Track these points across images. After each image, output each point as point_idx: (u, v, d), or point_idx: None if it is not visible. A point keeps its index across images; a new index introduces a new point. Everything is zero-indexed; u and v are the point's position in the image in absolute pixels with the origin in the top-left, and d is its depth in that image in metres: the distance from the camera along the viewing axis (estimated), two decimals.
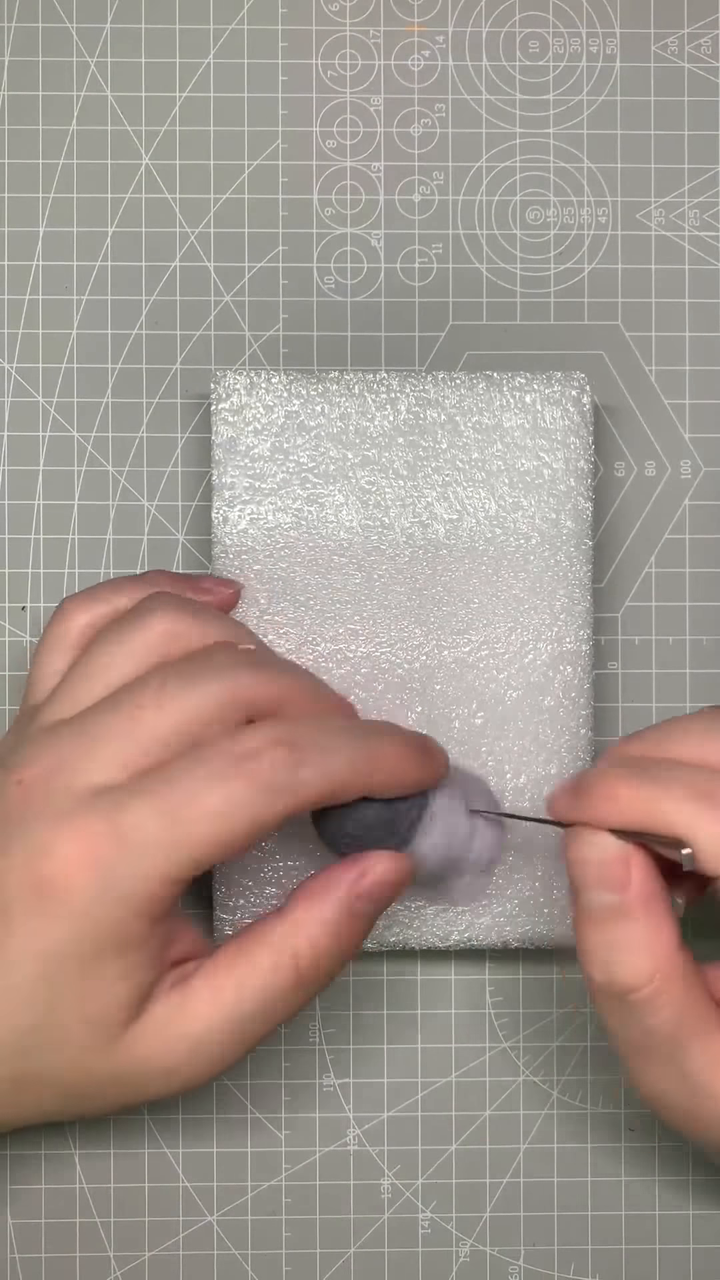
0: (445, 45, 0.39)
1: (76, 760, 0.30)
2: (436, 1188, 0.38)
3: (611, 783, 0.29)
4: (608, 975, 0.29)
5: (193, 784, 0.29)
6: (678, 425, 0.39)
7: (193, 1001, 0.30)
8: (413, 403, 0.36)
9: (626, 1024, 0.29)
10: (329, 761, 0.30)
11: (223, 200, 0.39)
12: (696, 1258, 0.38)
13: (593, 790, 0.29)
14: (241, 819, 0.29)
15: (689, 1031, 0.29)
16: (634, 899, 0.28)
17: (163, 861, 0.29)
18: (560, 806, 0.30)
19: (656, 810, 0.28)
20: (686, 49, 0.39)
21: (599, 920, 0.29)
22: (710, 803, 0.28)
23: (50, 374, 0.38)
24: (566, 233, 0.39)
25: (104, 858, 0.29)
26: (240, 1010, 0.30)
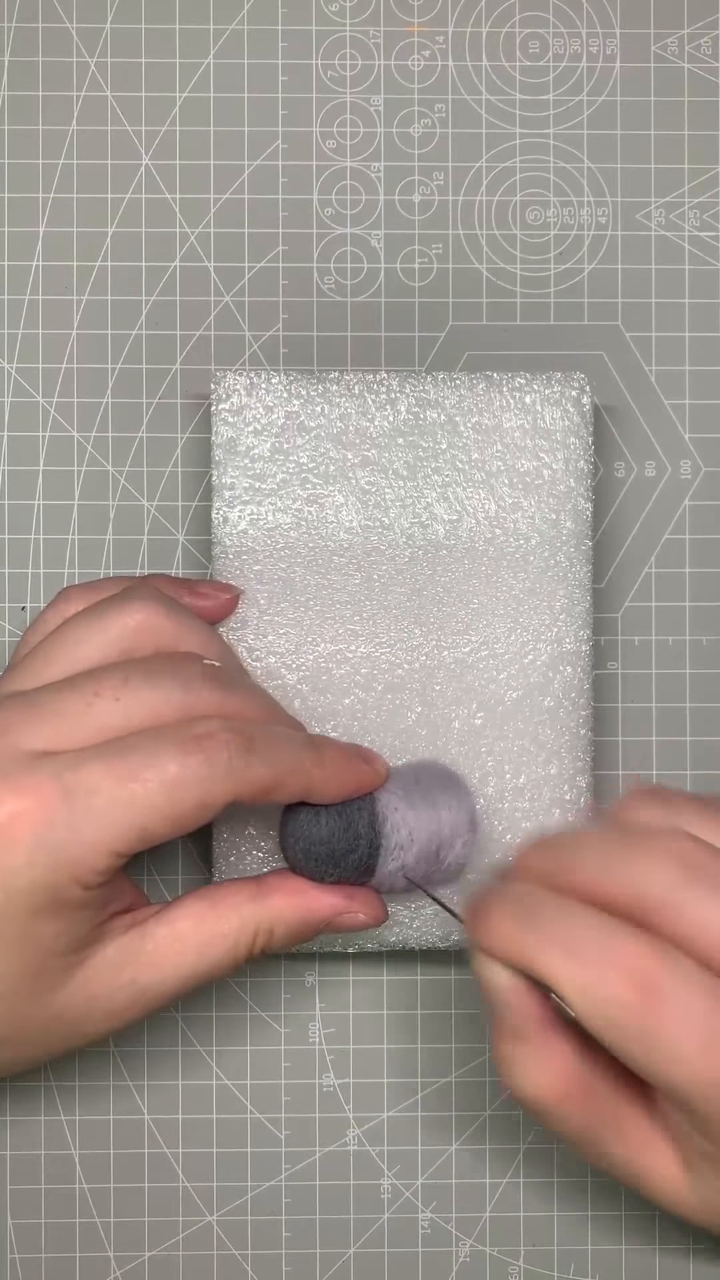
0: (445, 45, 0.39)
1: (23, 726, 0.30)
2: (436, 1188, 0.38)
3: (494, 917, 0.29)
4: (513, 1086, 0.30)
5: (150, 752, 0.29)
6: (678, 425, 0.39)
7: (151, 950, 0.31)
8: (413, 403, 0.36)
9: (544, 1125, 0.30)
10: (276, 752, 0.31)
11: (223, 200, 0.39)
12: (696, 1258, 0.38)
13: (480, 921, 0.30)
14: (192, 794, 0.29)
15: (598, 1133, 0.30)
16: (526, 1023, 0.29)
17: (110, 827, 0.29)
18: (466, 921, 0.30)
19: (527, 956, 0.29)
20: (686, 49, 0.39)
21: (503, 1035, 0.30)
22: (574, 955, 0.28)
23: (50, 374, 0.38)
24: (566, 233, 0.39)
25: (50, 817, 0.29)
26: (197, 968, 0.31)
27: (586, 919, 0.28)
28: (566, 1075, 0.29)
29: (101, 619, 0.32)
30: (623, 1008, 0.28)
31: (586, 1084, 0.30)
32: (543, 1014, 0.29)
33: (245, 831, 0.35)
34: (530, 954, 0.29)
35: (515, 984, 0.29)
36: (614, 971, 0.28)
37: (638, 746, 0.39)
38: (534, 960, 0.28)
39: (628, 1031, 0.28)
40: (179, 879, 0.38)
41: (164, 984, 0.31)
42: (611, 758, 0.38)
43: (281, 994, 0.38)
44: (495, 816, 0.36)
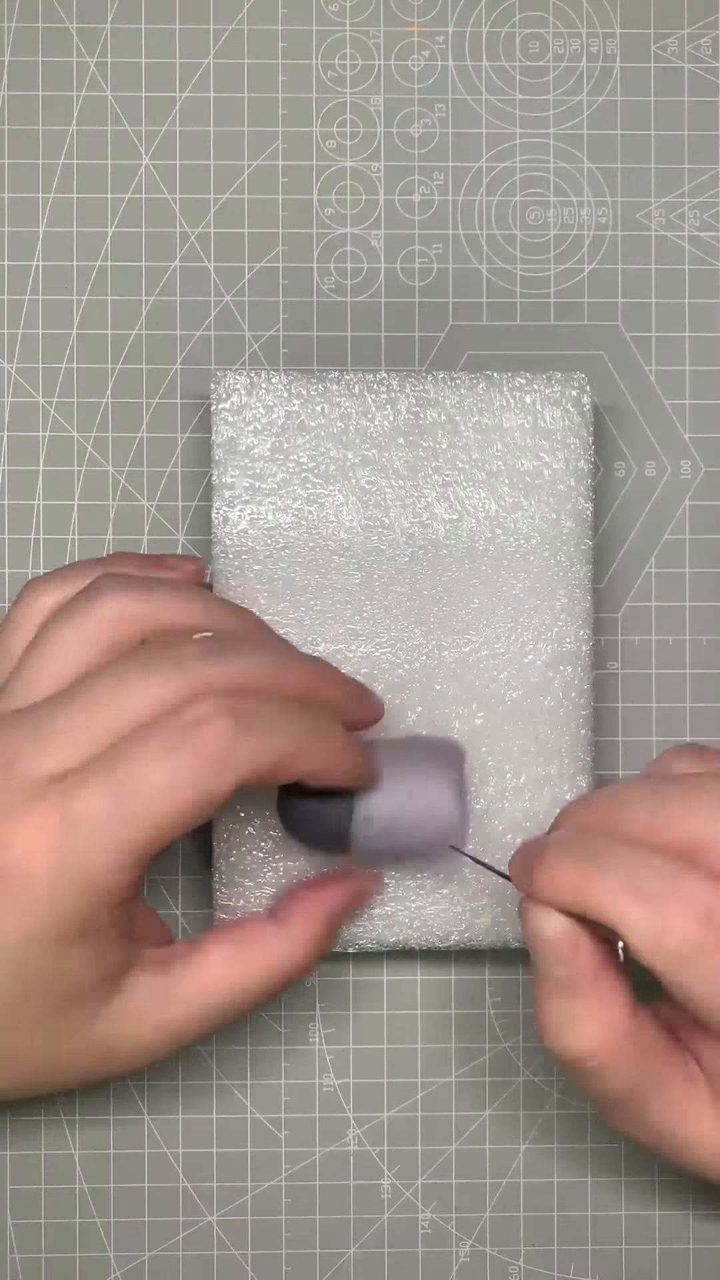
0: (445, 45, 0.39)
1: (31, 752, 0.30)
2: (436, 1188, 0.38)
3: (553, 864, 0.29)
4: (560, 1046, 0.30)
5: (138, 762, 0.29)
6: (678, 425, 0.39)
7: (179, 991, 0.31)
8: (413, 403, 0.36)
9: (586, 1086, 0.30)
10: (273, 733, 0.30)
11: (223, 200, 0.39)
12: (696, 1258, 0.38)
13: (538, 868, 0.29)
14: (189, 794, 0.29)
15: (644, 1092, 0.30)
16: (581, 975, 0.29)
17: (114, 844, 0.29)
18: (517, 875, 0.30)
19: (592, 900, 0.28)
20: (686, 49, 0.39)
21: (551, 992, 0.29)
22: (641, 896, 0.28)
23: (50, 374, 0.38)
24: (566, 233, 0.39)
25: (58, 845, 0.29)
26: (227, 1007, 0.31)
27: (649, 860, 0.28)
28: (619, 1028, 0.29)
29: (77, 620, 0.31)
30: (693, 945, 0.27)
31: (636, 1038, 0.29)
32: (599, 964, 0.29)
33: (245, 831, 0.35)
34: (593, 897, 0.28)
35: (571, 933, 0.29)
36: (683, 909, 0.27)
37: (638, 746, 0.39)
38: (598, 903, 0.28)
39: (698, 970, 0.27)
40: (179, 879, 0.38)
41: (195, 1028, 0.31)
42: (612, 758, 0.38)
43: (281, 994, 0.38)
44: (495, 816, 0.36)
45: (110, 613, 0.31)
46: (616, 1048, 0.29)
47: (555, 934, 0.29)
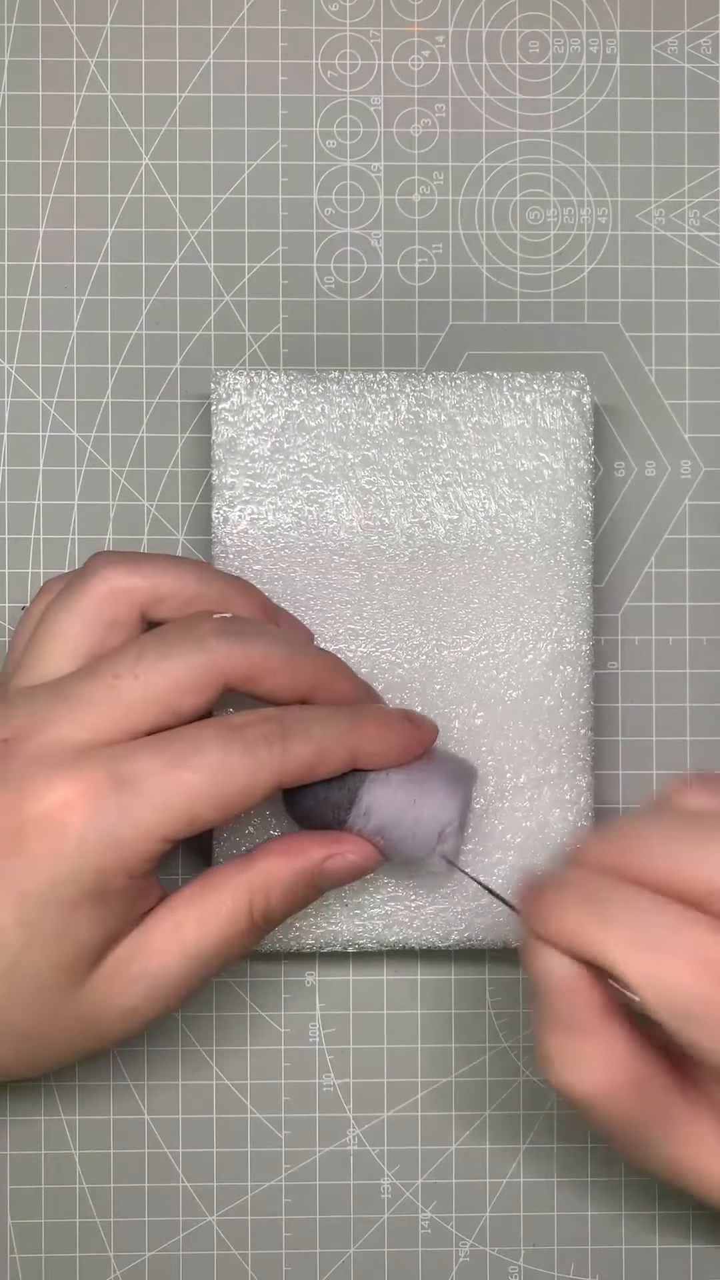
0: (445, 45, 0.39)
1: (57, 720, 0.30)
2: (436, 1187, 0.38)
3: (559, 907, 0.29)
4: (561, 1083, 0.29)
5: (195, 740, 0.30)
6: (678, 425, 0.39)
7: (152, 939, 0.31)
8: (413, 403, 0.36)
9: (589, 1122, 0.30)
10: (311, 734, 0.31)
11: (223, 200, 0.39)
12: (696, 1257, 0.38)
13: (544, 909, 0.29)
14: (238, 780, 0.30)
15: (648, 1128, 0.29)
16: (584, 1017, 0.29)
17: (162, 813, 0.29)
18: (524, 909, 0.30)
19: (597, 949, 0.28)
20: (686, 49, 0.39)
21: (554, 1030, 0.29)
22: (646, 947, 0.28)
23: (50, 374, 0.38)
24: (566, 233, 0.39)
25: (102, 804, 0.29)
26: (200, 948, 0.31)
27: (656, 907, 0.28)
28: (622, 1068, 0.29)
29: (71, 602, 0.32)
30: (697, 998, 0.27)
31: (640, 1077, 0.29)
32: (602, 1004, 0.29)
33: (245, 830, 0.36)
34: (597, 943, 0.28)
35: (574, 973, 0.29)
36: (687, 961, 0.27)
37: (638, 746, 0.39)
38: (601, 949, 0.28)
39: (700, 1022, 0.27)
40: (179, 878, 0.38)
41: (170, 970, 0.31)
42: (611, 757, 0.38)
43: (282, 994, 0.38)
44: (495, 815, 0.36)
45: (104, 588, 0.32)
46: (619, 1088, 0.29)
47: (560, 976, 0.29)
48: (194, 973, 0.31)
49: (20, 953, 0.30)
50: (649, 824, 0.30)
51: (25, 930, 0.29)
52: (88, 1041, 0.32)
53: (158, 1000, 0.31)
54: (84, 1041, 0.31)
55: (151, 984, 0.31)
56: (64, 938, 0.30)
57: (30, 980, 0.30)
